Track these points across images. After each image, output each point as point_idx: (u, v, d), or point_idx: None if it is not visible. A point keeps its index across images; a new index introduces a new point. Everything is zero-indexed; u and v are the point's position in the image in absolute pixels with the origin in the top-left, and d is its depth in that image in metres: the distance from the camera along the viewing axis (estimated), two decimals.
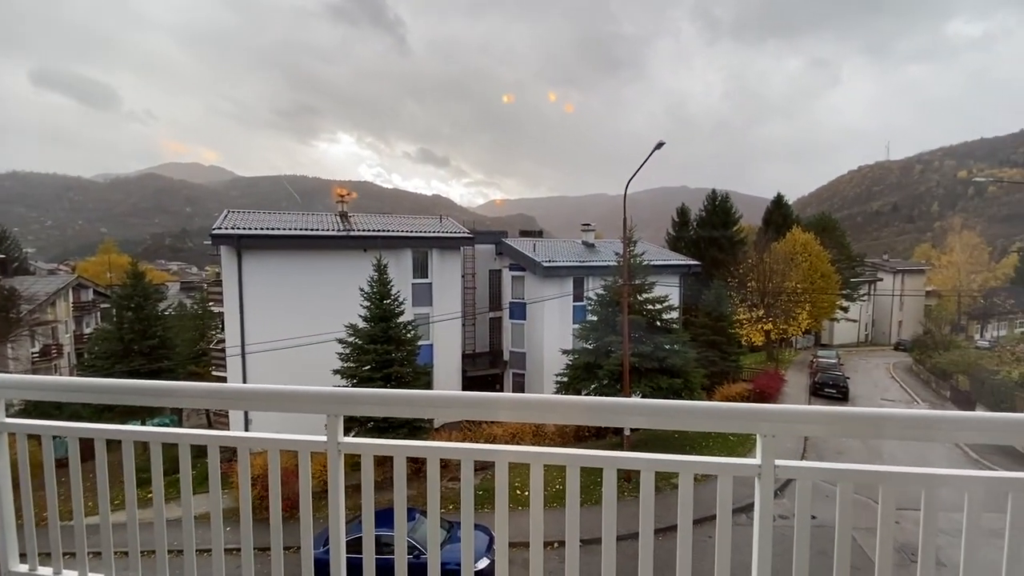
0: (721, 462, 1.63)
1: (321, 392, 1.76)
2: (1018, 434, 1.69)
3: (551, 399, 1.75)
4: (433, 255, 23.22)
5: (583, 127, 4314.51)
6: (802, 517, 1.62)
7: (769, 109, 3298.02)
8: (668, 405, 1.69)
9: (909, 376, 35.40)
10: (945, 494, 1.57)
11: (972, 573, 1.55)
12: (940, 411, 1.63)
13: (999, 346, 32.52)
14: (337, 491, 1.75)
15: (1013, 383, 23.71)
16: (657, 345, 19.71)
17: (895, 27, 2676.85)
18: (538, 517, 1.70)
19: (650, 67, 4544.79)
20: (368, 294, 17.52)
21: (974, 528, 1.54)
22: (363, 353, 16.84)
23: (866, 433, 1.65)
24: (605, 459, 1.67)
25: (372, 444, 1.77)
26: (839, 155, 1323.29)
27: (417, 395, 1.80)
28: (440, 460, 1.77)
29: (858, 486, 1.60)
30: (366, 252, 20.88)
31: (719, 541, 1.64)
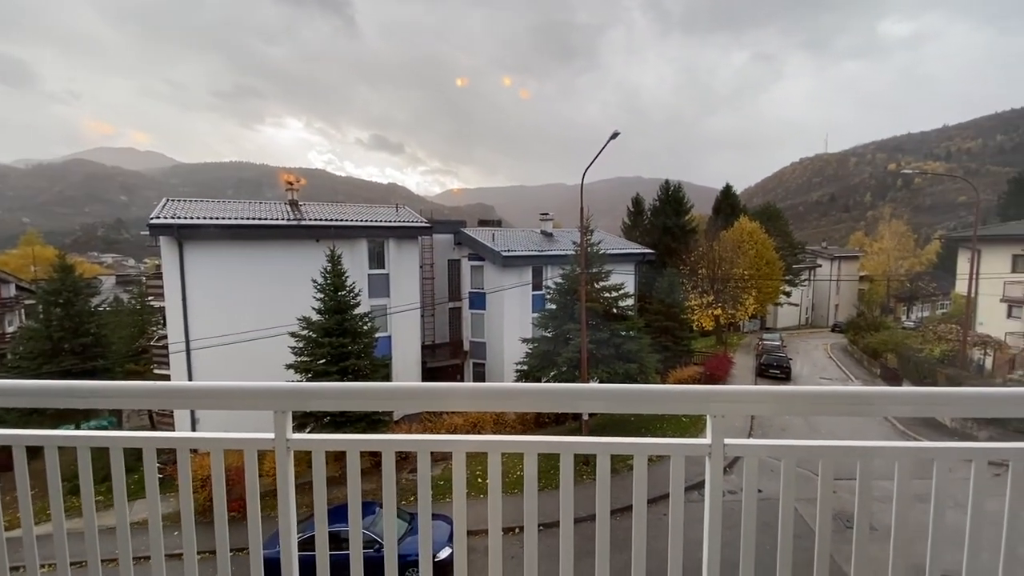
0: (673, 443, 1.67)
1: (267, 387, 1.68)
2: (939, 407, 1.83)
3: (510, 387, 1.74)
4: (390, 245, 22.75)
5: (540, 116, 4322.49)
6: (749, 492, 1.69)
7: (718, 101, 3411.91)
8: (623, 390, 1.72)
9: (844, 355, 37.86)
10: (877, 464, 1.68)
11: (901, 536, 1.67)
12: (871, 388, 1.73)
13: (923, 326, 35.31)
14: (287, 489, 1.69)
15: (935, 360, 25.82)
16: (613, 332, 20.20)
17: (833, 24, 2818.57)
18: (496, 504, 1.70)
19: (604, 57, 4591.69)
20: (321, 285, 16.99)
21: (903, 495, 1.66)
22: (317, 346, 16.37)
23: (807, 410, 1.74)
24: (562, 445, 1.69)
25: (323, 440, 1.72)
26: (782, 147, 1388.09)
27: (372, 388, 1.75)
28: (399, 453, 1.74)
29: (800, 460, 1.69)
30: (318, 242, 20.22)
31: (672, 518, 1.70)
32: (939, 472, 1.66)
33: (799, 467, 1.71)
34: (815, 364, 35.18)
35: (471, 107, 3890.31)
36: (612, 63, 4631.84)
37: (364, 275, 21.75)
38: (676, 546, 1.70)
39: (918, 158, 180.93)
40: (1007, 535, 1.68)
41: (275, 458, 1.69)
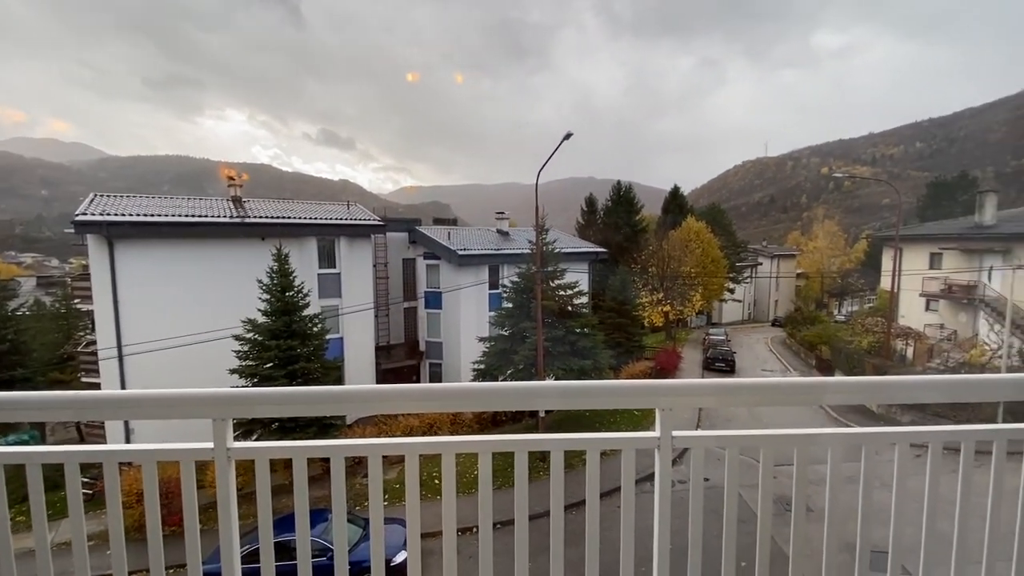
0: (624, 437, 1.71)
1: (205, 394, 1.58)
2: (867, 394, 1.96)
3: (465, 387, 1.73)
4: (341, 243, 22.11)
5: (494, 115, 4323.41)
6: (696, 481, 1.76)
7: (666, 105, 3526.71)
8: (576, 386, 1.74)
9: (784, 348, 40.10)
10: (813, 450, 1.78)
11: (835, 516, 1.78)
12: (807, 378, 1.85)
13: (852, 320, 37.92)
14: (228, 500, 1.60)
15: (863, 351, 27.78)
16: (569, 329, 20.52)
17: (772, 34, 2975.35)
18: (451, 506, 1.69)
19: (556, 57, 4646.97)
20: (268, 286, 16.30)
21: (836, 477, 1.77)
22: (264, 350, 15.69)
23: (749, 401, 1.83)
24: (516, 443, 1.69)
25: (267, 447, 1.64)
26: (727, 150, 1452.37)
27: (320, 392, 1.68)
28: (352, 458, 1.69)
29: (743, 449, 1.77)
30: (264, 241, 19.39)
31: (624, 510, 1.74)
32: (867, 455, 1.78)
33: (742, 455, 1.79)
34: (757, 357, 37.07)
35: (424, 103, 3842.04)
36: (565, 64, 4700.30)
37: (314, 275, 21.04)
38: (628, 537, 1.74)
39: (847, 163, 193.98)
40: (927, 511, 1.82)
41: (215, 468, 1.60)
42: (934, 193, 55.94)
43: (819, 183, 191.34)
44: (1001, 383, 1.96)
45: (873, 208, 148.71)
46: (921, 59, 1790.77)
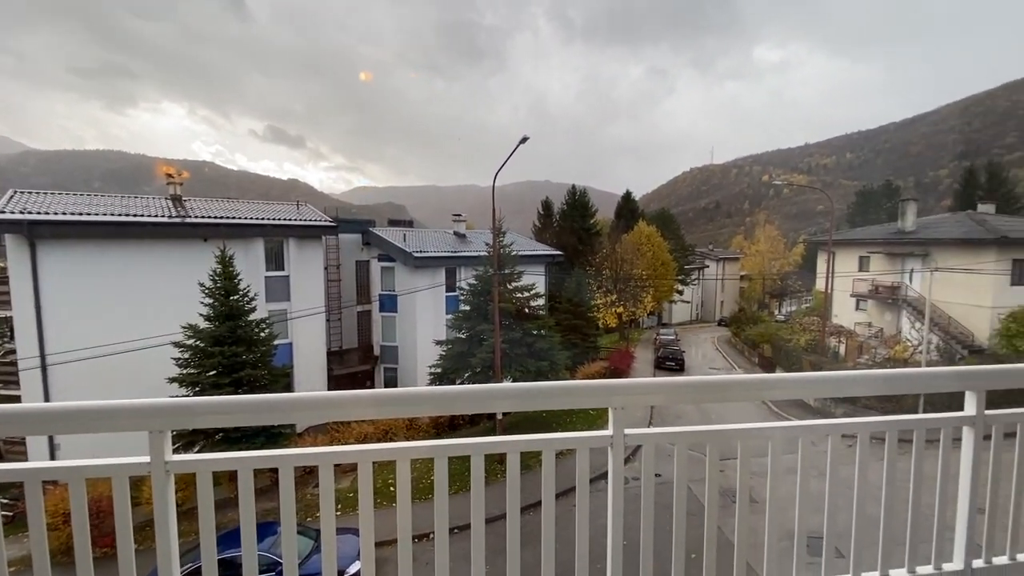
0: (578, 436, 1.75)
1: (139, 405, 1.48)
2: (804, 389, 2.08)
3: (421, 391, 1.71)
4: (290, 245, 21.33)
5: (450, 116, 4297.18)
6: (647, 477, 1.81)
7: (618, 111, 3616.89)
8: (532, 387, 1.76)
9: (729, 347, 41.95)
10: (755, 444, 1.88)
11: (775, 504, 1.88)
12: (750, 375, 1.94)
13: (791, 319, 40.18)
14: (166, 517, 1.51)
15: (801, 348, 29.49)
16: (526, 331, 20.67)
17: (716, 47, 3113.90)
18: (406, 513, 1.66)
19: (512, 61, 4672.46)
20: (210, 290, 15.49)
21: (776, 469, 1.87)
22: (206, 357, 14.90)
23: (696, 398, 1.91)
24: (471, 446, 1.69)
25: (209, 459, 1.56)
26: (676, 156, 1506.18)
27: (266, 399, 1.61)
28: (303, 467, 1.64)
29: (691, 445, 1.84)
30: (207, 242, 18.43)
31: (579, 508, 1.77)
32: (804, 447, 1.89)
33: (691, 451, 1.86)
34: (705, 355, 38.61)
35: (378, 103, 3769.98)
36: (520, 67, 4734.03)
37: (260, 278, 20.19)
38: (583, 535, 1.77)
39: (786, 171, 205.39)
40: (857, 497, 1.96)
41: (151, 484, 1.51)
42: (862, 201, 60.17)
43: (760, 190, 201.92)
44: (921, 376, 2.14)
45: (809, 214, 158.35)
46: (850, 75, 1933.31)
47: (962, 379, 2.05)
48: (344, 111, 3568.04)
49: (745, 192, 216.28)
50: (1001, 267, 23.97)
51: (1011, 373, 2.08)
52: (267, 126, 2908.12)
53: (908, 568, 2.00)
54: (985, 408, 2.01)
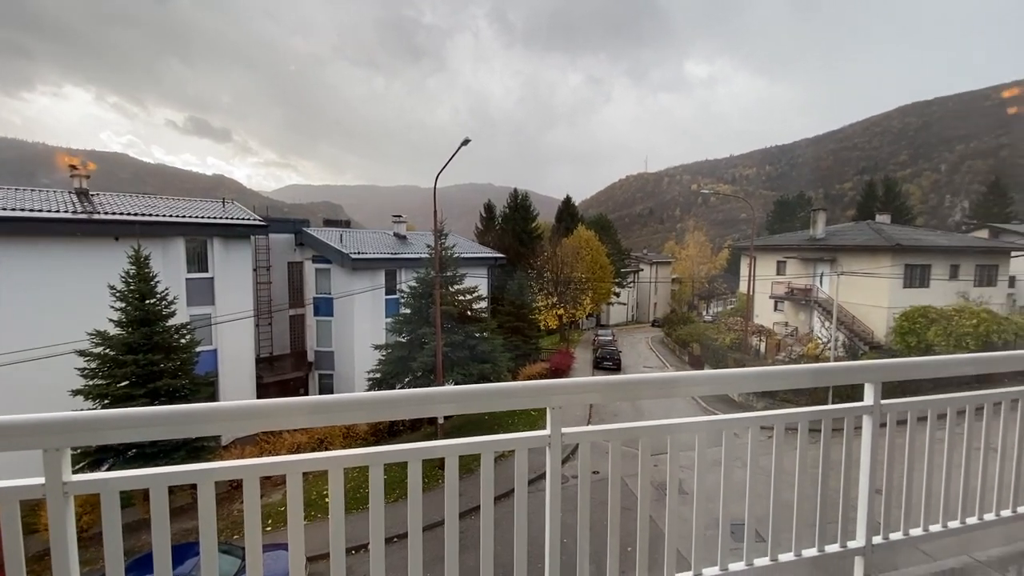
0: (516, 437, 1.76)
1: (33, 420, 1.33)
2: (729, 385, 2.22)
3: (356, 397, 1.65)
4: (214, 245, 19.98)
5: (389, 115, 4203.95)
6: (584, 474, 1.85)
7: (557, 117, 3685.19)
8: (471, 390, 1.75)
9: (662, 347, 43.90)
10: (684, 437, 1.98)
11: (702, 494, 1.99)
12: (680, 372, 2.04)
13: (717, 319, 42.69)
14: (65, 543, 1.36)
15: (726, 347, 31.40)
16: (468, 334, 20.56)
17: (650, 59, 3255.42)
18: (339, 524, 1.59)
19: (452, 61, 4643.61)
20: (123, 293, 14.20)
21: (703, 461, 1.97)
22: (118, 366, 13.62)
23: (630, 396, 1.98)
24: (408, 452, 1.65)
25: (114, 478, 1.42)
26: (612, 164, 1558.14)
27: (184, 410, 1.49)
28: (229, 482, 1.53)
29: (625, 441, 1.91)
30: (119, 241, 16.90)
31: (517, 509, 1.78)
32: (727, 439, 2.01)
33: (626, 447, 1.93)
34: (639, 355, 40.16)
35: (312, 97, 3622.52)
36: (461, 69, 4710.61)
37: (181, 280, 18.77)
38: (522, 535, 1.78)
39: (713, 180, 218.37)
40: (774, 484, 2.10)
41: (47, 507, 1.35)
42: (779, 210, 65.06)
43: (690, 198, 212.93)
44: (829, 371, 2.34)
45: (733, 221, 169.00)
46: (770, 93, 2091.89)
47: (862, 372, 2.26)
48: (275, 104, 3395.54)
49: (676, 199, 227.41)
50: (895, 271, 26.78)
51: (903, 366, 2.32)
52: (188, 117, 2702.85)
53: (818, 548, 2.17)
54: (881, 398, 2.23)
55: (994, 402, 2.46)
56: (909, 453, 2.30)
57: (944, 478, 2.38)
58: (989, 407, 2.45)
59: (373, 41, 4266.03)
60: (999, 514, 2.48)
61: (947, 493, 2.39)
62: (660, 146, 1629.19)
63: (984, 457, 2.45)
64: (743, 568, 2.04)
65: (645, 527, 1.94)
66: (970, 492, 2.43)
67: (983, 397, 2.43)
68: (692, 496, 2.00)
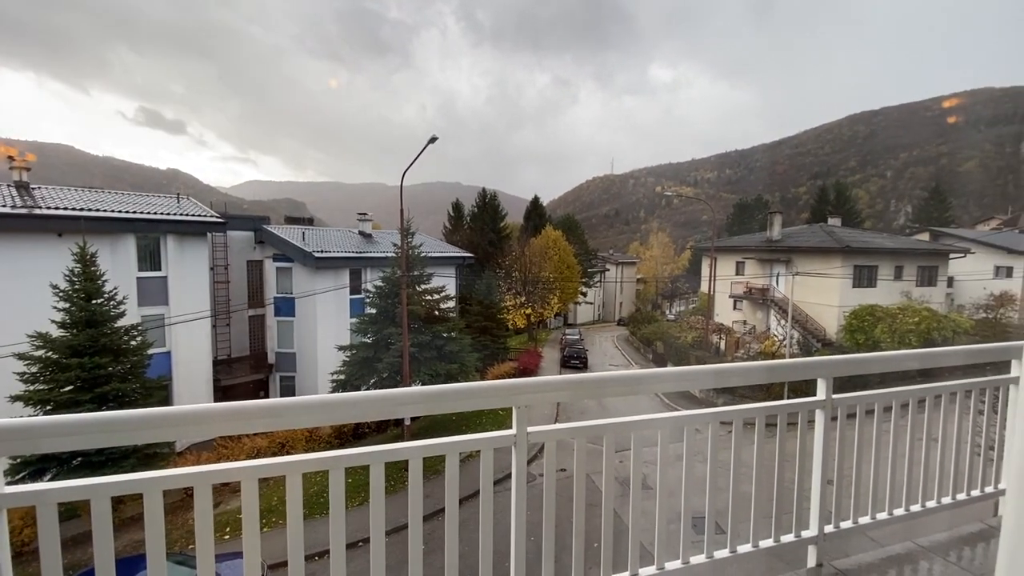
0: (482, 437, 1.75)
1: None
2: (690, 382, 2.27)
3: (318, 399, 1.59)
4: (168, 242, 19.10)
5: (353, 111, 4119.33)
6: (549, 472, 1.86)
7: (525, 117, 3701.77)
8: (435, 390, 1.73)
9: (627, 345, 44.70)
10: (647, 433, 2.01)
11: (665, 489, 2.03)
12: (644, 370, 2.08)
13: (680, 318, 43.80)
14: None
15: (688, 345, 32.25)
16: (436, 334, 20.37)
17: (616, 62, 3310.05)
18: (297, 531, 1.54)
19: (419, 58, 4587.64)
20: (67, 292, 13.39)
21: (665, 456, 2.01)
22: (61, 370, 12.83)
23: (595, 393, 2.00)
24: (370, 455, 1.62)
25: (52, 489, 1.33)
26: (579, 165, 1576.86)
27: (132, 415, 1.40)
28: (183, 490, 1.45)
29: (590, 438, 1.92)
30: (62, 237, 15.95)
31: (483, 510, 1.77)
32: (688, 434, 2.06)
33: (592, 444, 1.94)
34: (605, 353, 40.78)
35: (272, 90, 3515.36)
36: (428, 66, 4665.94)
37: (132, 279, 17.86)
38: (487, 536, 1.77)
39: (676, 183, 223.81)
40: (733, 477, 2.17)
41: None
42: (739, 212, 67.31)
43: (654, 199, 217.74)
44: (784, 367, 2.43)
45: (695, 223, 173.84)
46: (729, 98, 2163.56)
47: (815, 368, 2.36)
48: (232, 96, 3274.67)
49: (641, 201, 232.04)
50: (845, 272, 28.14)
51: (853, 362, 2.43)
52: (139, 107, 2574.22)
53: (774, 538, 2.26)
54: (833, 393, 2.33)
55: (935, 395, 2.61)
56: (858, 445, 2.42)
57: (890, 468, 2.51)
58: (931, 400, 2.60)
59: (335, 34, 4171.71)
60: (940, 501, 2.64)
61: (893, 482, 2.52)
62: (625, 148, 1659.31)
63: (926, 447, 2.60)
64: (704, 560, 2.09)
65: (610, 523, 1.97)
66: (914, 481, 2.57)
67: (926, 390, 2.58)
68: (655, 491, 2.04)
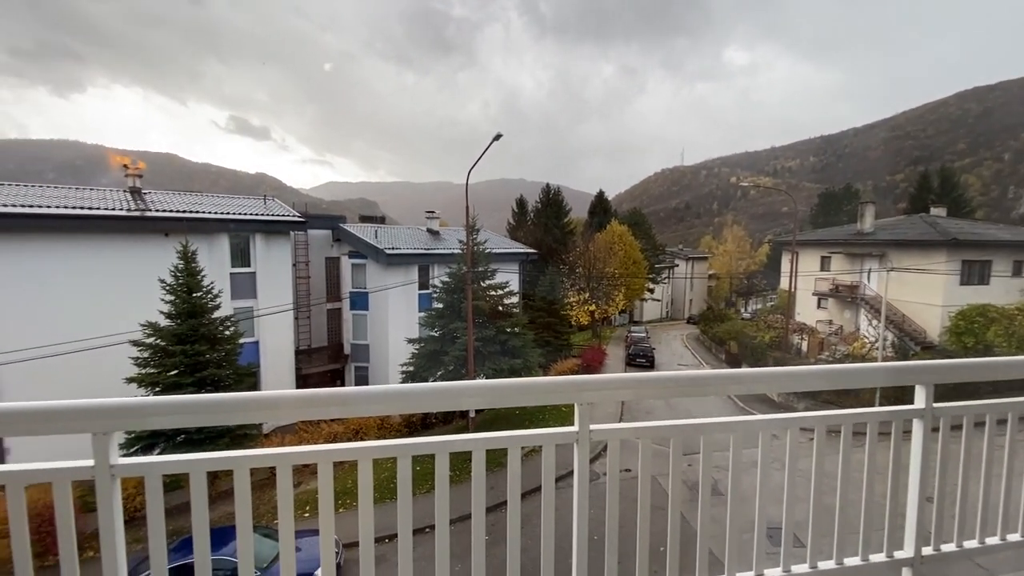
0: (544, 433, 1.74)
1: (85, 405, 1.40)
2: (767, 384, 2.13)
3: (390, 389, 1.68)
4: (256, 241, 20.73)
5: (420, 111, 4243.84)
6: (612, 472, 1.82)
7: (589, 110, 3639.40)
8: (499, 384, 1.75)
9: (697, 344, 42.93)
10: (718, 438, 1.91)
11: (737, 496, 1.93)
12: (715, 370, 1.98)
13: (756, 317, 41.37)
14: (112, 523, 1.43)
15: (765, 345, 30.40)
16: (499, 329, 20.65)
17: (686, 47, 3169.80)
18: (368, 514, 1.63)
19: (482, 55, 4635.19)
20: (172, 286, 14.93)
21: (737, 461, 1.91)
22: (167, 356, 14.35)
23: (662, 393, 1.93)
24: (436, 445, 1.67)
25: (158, 462, 1.49)
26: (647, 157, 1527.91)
27: (225, 398, 1.55)
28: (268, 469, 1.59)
29: (656, 440, 1.86)
30: (168, 237, 17.75)
31: (544, 505, 1.77)
32: (764, 440, 1.94)
33: (659, 445, 1.88)
34: (674, 352, 39.40)
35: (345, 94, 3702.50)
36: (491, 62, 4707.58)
37: (225, 274, 19.57)
38: (548, 531, 1.77)
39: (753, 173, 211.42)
40: (815, 488, 2.02)
41: (96, 488, 1.44)
42: (824, 203, 62.34)
43: (728, 191, 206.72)
44: (876, 371, 2.22)
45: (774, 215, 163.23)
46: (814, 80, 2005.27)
47: (913, 374, 2.13)
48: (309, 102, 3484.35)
49: (714, 193, 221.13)
50: (951, 267, 25.25)
51: (958, 368, 2.17)
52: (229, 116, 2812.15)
53: (862, 556, 2.07)
54: (934, 401, 2.10)
55: None
56: (964, 460, 2.16)
57: (1004, 487, 2.22)
58: None
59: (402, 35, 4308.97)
60: None
61: (1007, 503, 2.23)
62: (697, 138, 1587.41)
63: None
64: (780, 573, 1.96)
65: (676, 527, 1.90)
66: None
67: None
68: (726, 498, 1.94)
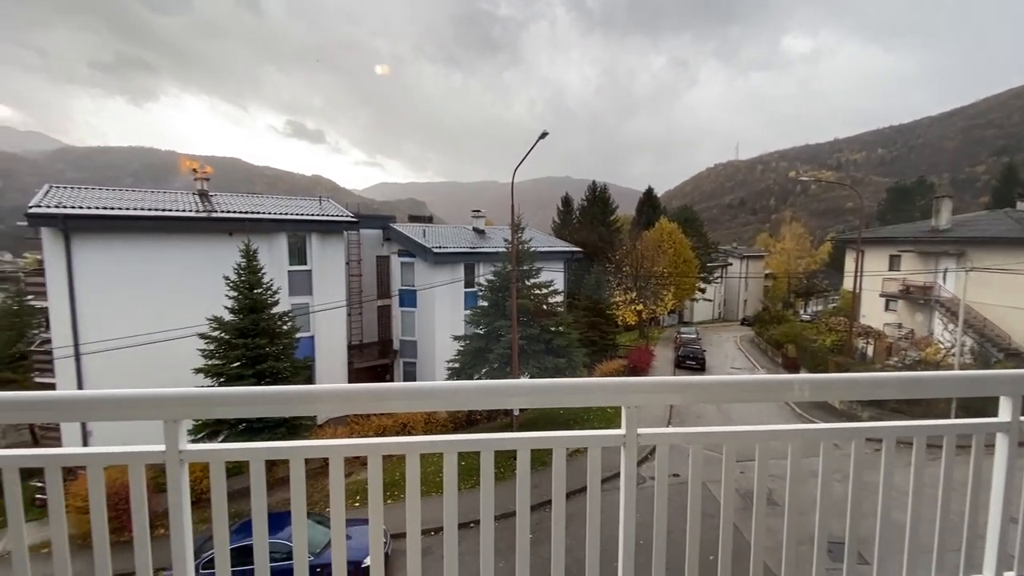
0: (590, 435, 1.72)
1: (156, 395, 1.52)
2: (829, 391, 2.01)
3: (436, 386, 1.71)
4: (312, 240, 21.68)
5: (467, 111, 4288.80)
6: (661, 477, 1.78)
7: (638, 104, 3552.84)
8: (544, 384, 1.74)
9: (752, 347, 41.17)
10: (774, 446, 1.82)
11: (794, 508, 1.83)
12: (772, 375, 1.89)
13: (817, 319, 39.19)
14: (180, 504, 1.54)
15: (827, 349, 28.75)
16: (544, 328, 20.62)
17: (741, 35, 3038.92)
18: (415, 506, 1.67)
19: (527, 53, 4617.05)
20: (235, 283, 15.86)
21: (796, 471, 1.81)
22: (230, 348, 15.27)
23: (714, 398, 1.87)
24: (481, 442, 1.68)
25: (221, 449, 1.59)
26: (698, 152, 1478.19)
27: (283, 391, 1.64)
28: (322, 459, 1.67)
29: (707, 445, 1.79)
30: (232, 236, 18.86)
31: (590, 508, 1.74)
32: (825, 450, 1.83)
33: (711, 451, 1.82)
34: (726, 355, 37.95)
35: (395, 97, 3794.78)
36: (537, 60, 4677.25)
37: (284, 272, 20.58)
38: (594, 533, 1.75)
39: (814, 167, 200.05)
40: (882, 503, 1.88)
41: (166, 472, 1.55)
42: (894, 197, 58.33)
43: (787, 186, 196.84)
44: (954, 380, 2.04)
45: (837, 211, 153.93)
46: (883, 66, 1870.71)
47: (997, 384, 1.95)
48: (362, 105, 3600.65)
49: (771, 188, 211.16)
50: None
51: None
52: (287, 121, 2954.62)
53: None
54: (1021, 415, 1.91)
55: None
56: None
57: None
58: None
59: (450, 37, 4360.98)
60: None
61: None
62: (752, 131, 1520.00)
63: None
64: None
65: (728, 536, 1.83)
66: None
67: None
68: (783, 508, 1.84)
